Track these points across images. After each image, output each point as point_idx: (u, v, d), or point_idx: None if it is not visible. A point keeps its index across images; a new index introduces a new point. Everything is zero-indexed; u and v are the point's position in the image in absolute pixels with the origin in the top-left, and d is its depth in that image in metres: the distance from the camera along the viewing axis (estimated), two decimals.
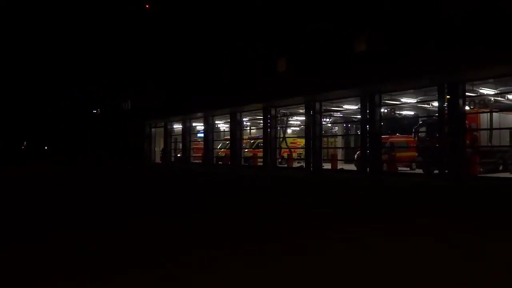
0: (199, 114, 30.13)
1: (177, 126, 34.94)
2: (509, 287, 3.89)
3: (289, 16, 21.15)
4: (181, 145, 33.50)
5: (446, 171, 15.71)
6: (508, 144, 16.46)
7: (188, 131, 32.84)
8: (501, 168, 17.07)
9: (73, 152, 46.07)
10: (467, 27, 13.48)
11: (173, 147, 35.60)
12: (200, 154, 31.45)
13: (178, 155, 34.34)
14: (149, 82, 36.39)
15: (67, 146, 49.74)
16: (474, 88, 16.16)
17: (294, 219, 7.53)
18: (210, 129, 30.05)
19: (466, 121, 15.79)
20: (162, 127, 36.15)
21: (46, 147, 56.97)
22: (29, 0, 45.87)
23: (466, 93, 15.56)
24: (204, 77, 27.92)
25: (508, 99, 17.47)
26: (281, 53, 21.91)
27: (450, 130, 15.66)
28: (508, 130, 16.67)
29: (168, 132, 35.52)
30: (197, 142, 33.38)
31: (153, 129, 38.19)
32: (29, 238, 5.88)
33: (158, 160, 36.88)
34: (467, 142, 15.82)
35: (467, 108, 15.90)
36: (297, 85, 20.01)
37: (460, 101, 15.34)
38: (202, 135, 31.60)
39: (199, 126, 32.82)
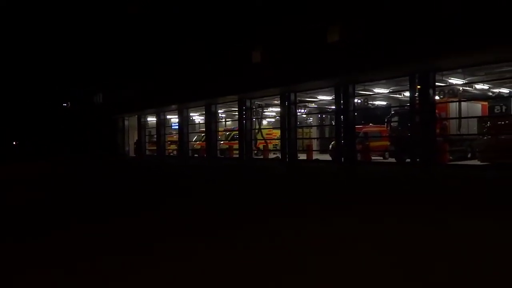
0: (174, 107, 29.74)
1: (151, 119, 34.41)
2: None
3: (263, 7, 21.03)
4: (155, 138, 33.03)
5: (418, 159, 16.10)
6: (475, 132, 16.99)
7: (163, 124, 32.40)
8: (469, 155, 17.65)
9: (44, 147, 44.66)
10: (436, 17, 13.75)
11: (147, 140, 35.06)
12: (175, 147, 31.10)
13: (152, 148, 33.81)
14: (121, 74, 35.58)
15: (36, 141, 48.15)
16: (444, 78, 16.57)
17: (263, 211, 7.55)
18: (185, 122, 29.74)
19: (436, 111, 16.20)
20: (135, 120, 35.52)
21: (14, 142, 54.98)
22: None
23: (436, 83, 15.94)
24: (178, 69, 27.52)
25: (475, 88, 18.01)
26: (256, 45, 21.82)
27: (421, 119, 16.02)
28: (475, 119, 17.21)
29: (142, 125, 34.93)
30: (172, 135, 32.98)
31: (126, 122, 37.47)
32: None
33: (132, 153, 36.27)
34: (437, 131, 16.24)
35: (437, 97, 16.29)
36: (272, 76, 20.00)
37: (430, 91, 15.70)
38: (176, 127, 31.23)
39: (174, 118, 32.40)
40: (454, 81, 17.05)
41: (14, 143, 53.76)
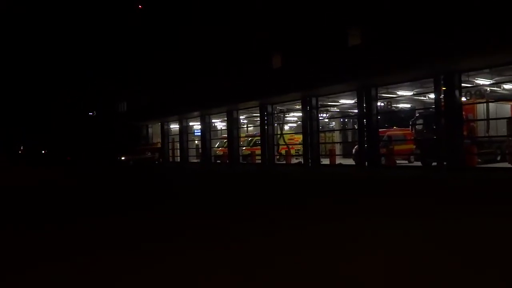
0: (196, 113, 30.04)
1: (174, 126, 34.88)
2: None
3: (283, 11, 21.05)
4: (178, 144, 33.45)
5: (445, 163, 15.69)
6: (505, 134, 16.44)
7: (185, 130, 32.78)
8: (499, 158, 17.06)
9: (72, 155, 45.96)
10: (462, 17, 13.43)
11: (170, 147, 35.53)
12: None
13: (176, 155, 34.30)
14: (145, 82, 36.25)
15: (65, 150, 49.56)
16: (470, 79, 16.13)
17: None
18: (207, 128, 29.98)
19: (463, 112, 15.76)
20: (158, 127, 36.11)
21: (43, 151, 56.71)
22: (28, 2, 45.61)
23: (462, 84, 15.53)
24: (200, 76, 27.81)
25: (504, 89, 17.45)
26: (276, 49, 21.83)
27: (447, 121, 15.62)
28: (504, 120, 16.66)
29: (165, 132, 35.45)
30: (194, 141, 33.35)
31: (150, 130, 38.12)
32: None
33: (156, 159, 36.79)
34: (465, 133, 15.80)
35: (463, 99, 15.87)
36: (293, 81, 19.95)
37: (457, 92, 15.31)
38: (199, 134, 31.54)
39: (196, 125, 32.75)
40: (481, 81, 16.58)
41: (43, 151, 55.46)
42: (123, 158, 33.34)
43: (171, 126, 35.51)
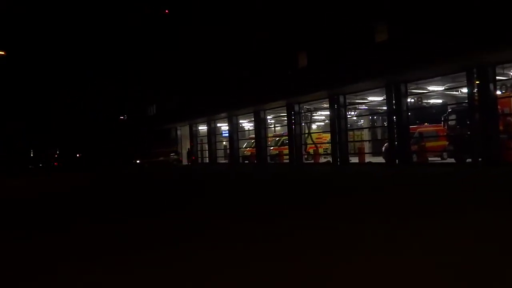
0: (223, 114, 30.29)
1: (202, 128, 35.30)
2: None
3: (308, 9, 20.90)
4: (207, 146, 33.84)
5: (480, 159, 15.15)
6: None
7: (213, 131, 33.11)
8: None
9: (106, 159, 47.36)
10: (494, 7, 12.93)
11: (199, 149, 35.97)
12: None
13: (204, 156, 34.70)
14: (173, 85, 36.86)
15: (98, 153, 51.08)
16: (505, 72, 15.51)
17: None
18: (235, 129, 30.16)
19: (498, 106, 15.16)
20: (187, 129, 36.67)
21: (78, 155, 58.63)
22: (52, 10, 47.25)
23: (497, 77, 14.94)
24: (226, 76, 28.02)
25: None
26: (302, 48, 21.70)
27: (481, 116, 15.08)
28: None
29: (194, 134, 35.92)
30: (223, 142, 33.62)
31: (178, 132, 38.73)
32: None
33: (185, 161, 37.36)
34: (500, 128, 15.19)
35: (498, 92, 15.26)
36: (320, 79, 19.79)
37: (491, 86, 14.77)
38: (227, 135, 31.77)
39: (224, 126, 33.03)
40: None
41: (77, 155, 57.27)
42: (138, 161, 33.97)
43: (199, 128, 35.94)
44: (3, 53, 42.20)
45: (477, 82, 15.17)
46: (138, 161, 34.30)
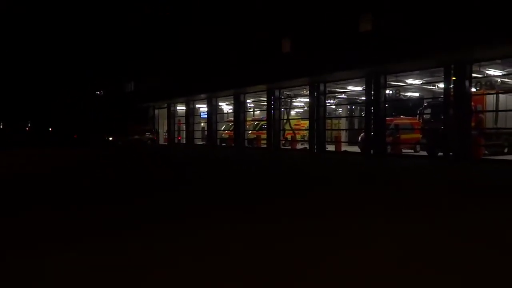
0: (203, 96, 30.00)
1: (181, 108, 34.90)
2: None
3: None
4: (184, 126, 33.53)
5: (451, 153, 15.63)
6: None
7: (192, 112, 32.80)
8: (506, 150, 16.95)
9: (79, 133, 46.22)
10: (475, 6, 13.19)
11: (176, 129, 35.62)
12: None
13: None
14: (152, 63, 36.15)
15: (71, 128, 49.85)
16: (481, 69, 15.93)
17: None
18: (214, 111, 29.98)
19: (472, 103, 15.61)
20: (165, 108, 36.16)
21: (50, 129, 57.02)
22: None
23: (473, 74, 15.34)
24: (207, 58, 27.66)
25: None
26: (285, 34, 21.61)
27: (455, 111, 15.50)
28: None
29: (172, 114, 35.50)
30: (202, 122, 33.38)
31: (156, 111, 38.18)
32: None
33: (162, 141, 37.01)
34: (473, 124, 15.67)
35: (473, 89, 15.69)
36: (302, 66, 19.81)
37: (467, 82, 15.14)
38: (205, 116, 31.56)
39: (203, 107, 32.75)
40: (492, 72, 16.37)
41: (50, 129, 55.68)
42: (110, 138, 33.17)
43: (178, 108, 35.53)
44: None
45: (454, 78, 15.53)
46: (110, 138, 33.43)
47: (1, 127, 56.88)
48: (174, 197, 7.75)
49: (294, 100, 27.18)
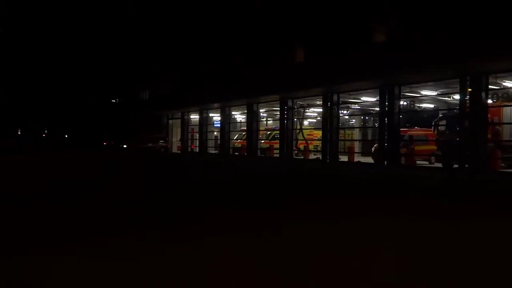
0: (216, 105, 30.19)
1: (194, 117, 35.15)
2: None
3: (307, 5, 20.87)
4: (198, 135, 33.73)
5: (466, 165, 15.39)
6: None
7: (205, 121, 33.01)
8: None
9: (94, 141, 46.93)
10: (491, 17, 13.08)
11: (189, 137, 35.85)
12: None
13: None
14: (167, 72, 36.55)
15: (87, 135, 50.62)
16: (498, 81, 15.72)
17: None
18: (227, 120, 30.12)
19: (488, 115, 15.39)
20: (178, 118, 36.46)
21: (66, 136, 57.96)
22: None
23: (489, 86, 15.14)
24: (221, 68, 27.89)
25: None
26: (299, 44, 21.69)
27: (471, 123, 15.29)
28: None
29: (185, 123, 35.77)
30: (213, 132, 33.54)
31: (170, 120, 38.52)
32: None
33: (175, 150, 37.25)
34: (489, 136, 15.44)
35: (489, 101, 15.47)
36: (315, 76, 19.82)
37: (483, 94, 14.95)
38: (218, 125, 31.72)
39: (216, 116, 32.94)
40: (509, 84, 16.13)
41: (66, 136, 56.56)
42: (124, 146, 33.64)
43: (191, 117, 35.79)
44: None
45: (470, 90, 15.34)
46: (124, 146, 33.90)
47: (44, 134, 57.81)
48: (190, 199, 7.80)
49: (307, 110, 27.17)
